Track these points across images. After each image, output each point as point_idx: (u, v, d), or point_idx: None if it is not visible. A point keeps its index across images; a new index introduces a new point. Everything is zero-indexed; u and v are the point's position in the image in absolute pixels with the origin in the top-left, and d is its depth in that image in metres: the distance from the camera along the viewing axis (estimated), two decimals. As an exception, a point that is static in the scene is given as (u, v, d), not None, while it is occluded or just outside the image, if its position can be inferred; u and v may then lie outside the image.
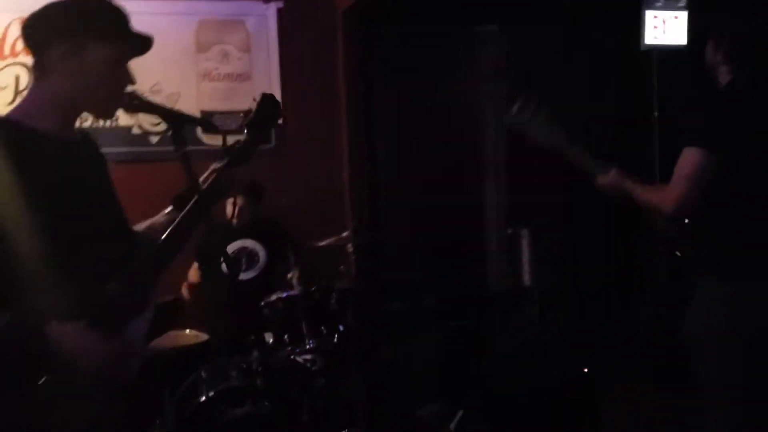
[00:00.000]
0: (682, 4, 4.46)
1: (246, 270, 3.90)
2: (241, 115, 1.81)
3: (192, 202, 1.69)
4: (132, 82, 1.70)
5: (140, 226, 1.93)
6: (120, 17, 1.71)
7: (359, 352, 3.76)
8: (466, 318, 4.50)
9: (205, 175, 1.80)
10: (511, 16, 4.67)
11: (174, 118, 1.72)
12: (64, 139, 1.69)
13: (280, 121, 4.43)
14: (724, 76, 2.43)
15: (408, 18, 4.63)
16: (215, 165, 1.78)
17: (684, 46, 4.45)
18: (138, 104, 1.71)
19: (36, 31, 1.66)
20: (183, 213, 1.68)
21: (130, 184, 4.13)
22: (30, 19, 1.67)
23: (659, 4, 4.43)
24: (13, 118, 1.64)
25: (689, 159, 2.26)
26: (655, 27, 4.45)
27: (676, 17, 4.46)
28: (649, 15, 4.45)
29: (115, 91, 1.68)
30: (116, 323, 1.60)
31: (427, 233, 4.76)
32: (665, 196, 2.31)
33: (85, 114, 1.75)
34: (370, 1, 4.19)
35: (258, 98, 1.82)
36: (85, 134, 1.80)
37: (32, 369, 1.51)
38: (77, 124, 1.74)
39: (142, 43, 1.73)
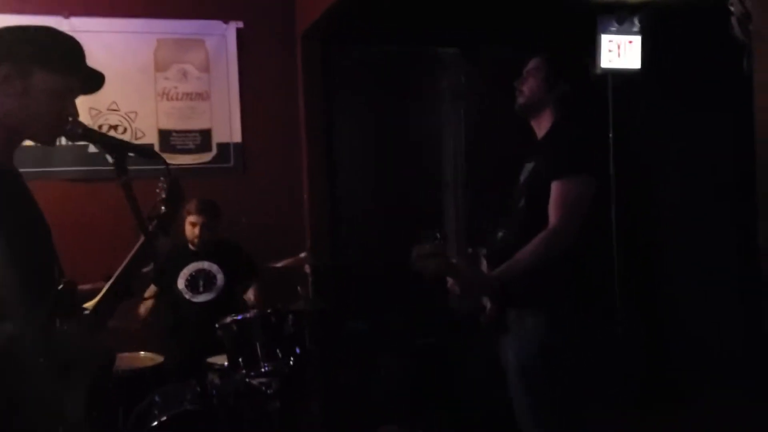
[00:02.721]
0: (636, 29, 4.56)
1: (203, 292, 3.88)
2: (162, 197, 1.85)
3: (122, 267, 1.72)
4: (74, 114, 1.72)
5: None
6: (72, 51, 1.74)
7: (317, 374, 3.75)
8: (432, 338, 4.50)
9: (135, 250, 1.78)
10: (471, 39, 4.72)
11: (116, 147, 1.74)
12: (6, 164, 1.69)
13: (240, 141, 4.47)
14: (546, 116, 2.54)
15: (369, 39, 4.66)
16: (142, 239, 1.78)
17: (638, 69, 4.56)
18: (81, 133, 1.72)
19: None
20: (115, 276, 1.71)
21: (85, 203, 4.14)
22: None
23: (614, 29, 4.53)
24: None
25: (578, 187, 2.38)
26: (610, 51, 4.54)
27: (630, 42, 4.56)
28: (605, 39, 4.54)
29: (55, 122, 1.70)
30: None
31: (387, 253, 4.76)
32: (565, 229, 2.37)
33: None
34: (330, 21, 4.20)
35: (167, 181, 1.86)
36: None
37: None
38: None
39: (93, 80, 1.78)
